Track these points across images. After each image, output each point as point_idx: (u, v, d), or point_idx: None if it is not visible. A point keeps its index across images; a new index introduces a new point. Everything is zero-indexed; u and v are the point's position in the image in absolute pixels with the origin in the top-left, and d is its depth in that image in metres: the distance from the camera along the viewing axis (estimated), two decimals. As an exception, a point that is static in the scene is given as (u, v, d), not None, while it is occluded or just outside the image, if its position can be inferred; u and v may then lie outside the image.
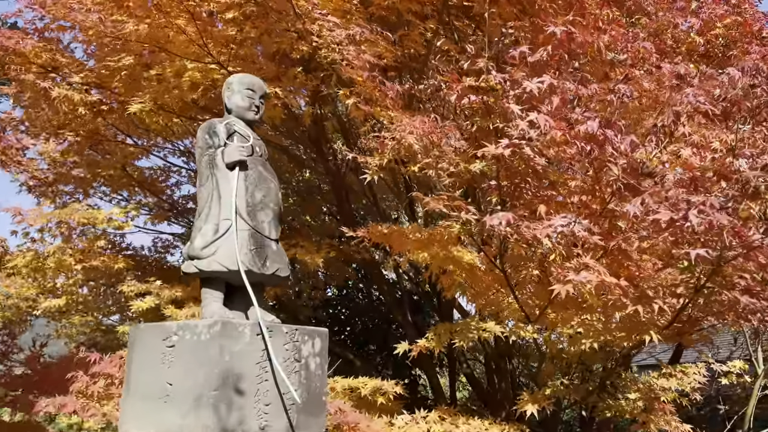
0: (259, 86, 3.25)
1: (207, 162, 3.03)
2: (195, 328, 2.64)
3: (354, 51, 4.10)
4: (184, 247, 2.98)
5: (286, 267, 3.09)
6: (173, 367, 2.65)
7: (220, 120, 3.16)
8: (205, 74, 5.04)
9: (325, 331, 3.02)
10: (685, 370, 5.00)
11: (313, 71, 4.92)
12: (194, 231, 2.96)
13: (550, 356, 5.07)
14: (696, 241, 3.13)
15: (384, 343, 10.05)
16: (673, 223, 2.76)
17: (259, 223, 3.00)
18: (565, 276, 3.43)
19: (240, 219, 2.94)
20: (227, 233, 2.89)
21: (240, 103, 3.20)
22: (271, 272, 2.97)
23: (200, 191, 3.04)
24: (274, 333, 2.78)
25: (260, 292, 3.05)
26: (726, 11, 6.33)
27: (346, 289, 10.75)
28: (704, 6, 6.46)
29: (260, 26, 4.61)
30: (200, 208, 3.00)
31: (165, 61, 4.88)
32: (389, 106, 4.04)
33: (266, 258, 2.97)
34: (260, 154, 3.20)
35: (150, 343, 2.76)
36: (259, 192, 3.04)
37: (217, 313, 2.80)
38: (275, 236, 3.08)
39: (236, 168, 3.00)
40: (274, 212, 3.09)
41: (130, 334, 2.90)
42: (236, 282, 2.92)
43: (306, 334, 2.92)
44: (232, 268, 2.84)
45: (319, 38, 4.12)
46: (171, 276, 7.36)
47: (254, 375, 2.66)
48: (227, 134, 3.10)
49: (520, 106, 3.41)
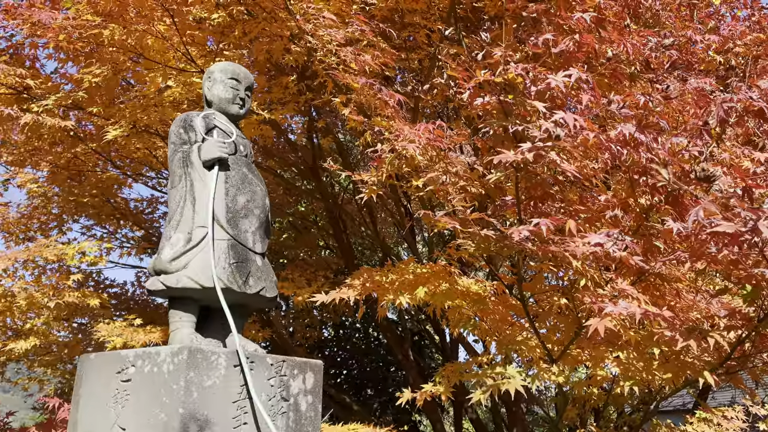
0: (244, 76, 2.80)
1: (180, 160, 2.55)
2: (156, 356, 2.11)
3: (351, 53, 3.67)
4: (150, 260, 2.48)
5: (274, 286, 2.58)
6: (128, 406, 2.11)
7: (198, 113, 2.69)
8: (189, 88, 4.60)
9: (319, 364, 2.49)
10: (725, 414, 4.42)
11: (308, 79, 4.49)
12: (162, 240, 2.46)
13: (573, 399, 4.50)
14: (760, 261, 2.63)
15: (383, 387, 9.43)
16: (736, 238, 2.28)
17: (242, 233, 2.51)
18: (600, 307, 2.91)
19: (218, 227, 2.45)
20: (202, 243, 2.40)
21: (222, 94, 2.74)
22: (254, 291, 2.46)
23: (171, 194, 2.55)
24: (257, 364, 2.25)
25: (242, 316, 2.54)
26: (747, 28, 5.98)
27: (342, 329, 10.17)
28: (723, 23, 6.13)
29: (250, 30, 4.19)
30: (171, 213, 2.51)
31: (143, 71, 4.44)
32: (390, 116, 3.57)
33: (249, 274, 2.46)
34: (245, 154, 2.72)
35: (102, 376, 2.23)
36: (242, 196, 2.56)
37: (187, 340, 2.28)
38: (261, 249, 2.58)
39: (215, 167, 2.52)
40: (260, 220, 2.60)
41: (79, 365, 2.36)
42: (212, 303, 2.41)
43: (296, 366, 2.39)
44: (206, 285, 2.33)
45: (314, 38, 3.69)
46: (155, 315, 6.80)
47: (230, 417, 2.12)
48: (206, 129, 2.64)
49: (544, 104, 2.96)
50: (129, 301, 7.76)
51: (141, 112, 4.81)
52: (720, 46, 6.05)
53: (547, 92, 3.01)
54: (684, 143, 2.81)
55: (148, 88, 4.69)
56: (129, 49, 4.22)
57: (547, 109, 2.96)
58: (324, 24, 3.61)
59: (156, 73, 4.36)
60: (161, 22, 4.28)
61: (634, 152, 2.98)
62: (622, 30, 4.29)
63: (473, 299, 4.14)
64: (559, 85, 2.93)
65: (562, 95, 3.15)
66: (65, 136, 5.98)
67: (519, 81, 2.97)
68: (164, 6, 3.86)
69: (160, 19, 4.22)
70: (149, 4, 4.03)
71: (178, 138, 2.60)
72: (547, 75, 2.95)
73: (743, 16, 6.61)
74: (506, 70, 2.82)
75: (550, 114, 2.93)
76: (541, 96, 2.99)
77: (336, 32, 3.59)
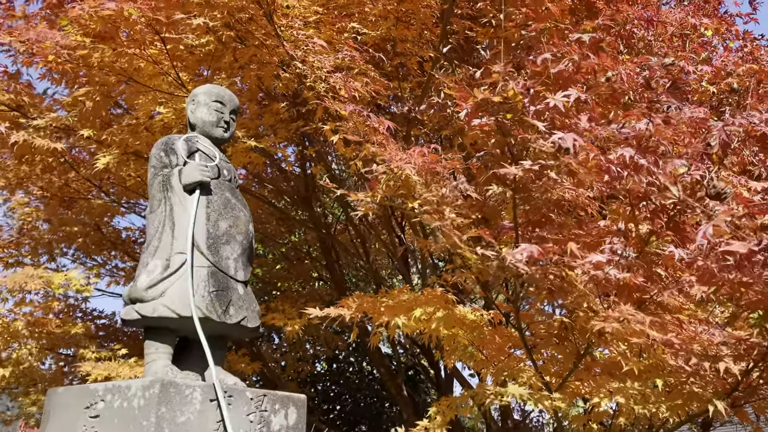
0: (229, 99, 2.72)
1: (160, 183, 2.45)
2: (127, 390, 1.97)
3: (341, 78, 3.60)
4: (126, 288, 2.35)
5: (256, 316, 2.45)
6: (95, 445, 1.96)
7: (180, 136, 2.60)
8: (179, 113, 4.52)
9: (302, 398, 2.34)
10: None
11: (300, 105, 4.42)
12: (139, 267, 2.34)
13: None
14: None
15: (377, 423, 9.19)
16: (748, 257, 2.17)
17: (223, 260, 2.39)
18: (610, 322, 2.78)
19: (198, 253, 2.33)
20: (180, 270, 2.28)
21: (206, 117, 2.65)
22: (235, 321, 2.33)
23: (150, 219, 2.43)
24: (235, 399, 2.10)
25: (221, 348, 2.40)
26: (740, 58, 5.97)
27: (336, 363, 9.95)
28: (715, 54, 6.12)
29: (240, 56, 4.13)
30: (149, 239, 2.39)
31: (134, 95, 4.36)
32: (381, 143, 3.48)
33: (230, 303, 2.33)
34: (228, 179, 2.62)
35: (69, 412, 2.08)
36: (224, 221, 2.44)
37: (161, 372, 2.14)
38: (243, 277, 2.46)
39: (196, 191, 2.41)
40: (243, 247, 2.48)
41: (46, 400, 2.21)
42: (191, 333, 2.28)
43: (277, 401, 2.24)
44: (183, 314, 2.20)
45: (304, 64, 3.62)
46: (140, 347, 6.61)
47: (205, 456, 1.97)
48: (188, 152, 2.54)
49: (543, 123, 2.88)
50: (117, 332, 7.58)
51: (131, 137, 4.72)
52: (713, 77, 6.03)
53: (546, 112, 2.94)
54: (685, 166, 2.72)
55: (137, 112, 4.61)
56: (119, 72, 4.15)
57: (547, 129, 2.88)
58: (314, 50, 3.55)
59: (146, 97, 4.28)
60: (152, 47, 4.22)
61: (635, 174, 2.89)
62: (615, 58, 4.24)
63: (470, 327, 4.01)
64: (558, 105, 2.86)
65: (561, 117, 3.07)
66: (57, 162, 5.88)
67: (519, 99, 2.89)
68: (155, 29, 3.80)
69: (151, 43, 4.16)
70: (139, 28, 3.97)
71: (158, 161, 2.50)
72: (546, 95, 2.88)
73: (735, 47, 6.62)
74: (506, 87, 2.74)
75: (549, 134, 2.85)
76: (540, 116, 2.91)
77: (326, 58, 3.53)
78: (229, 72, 4.29)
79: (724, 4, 6.51)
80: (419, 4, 3.98)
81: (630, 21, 4.90)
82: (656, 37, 6.15)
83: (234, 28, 3.84)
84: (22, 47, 4.46)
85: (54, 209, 7.11)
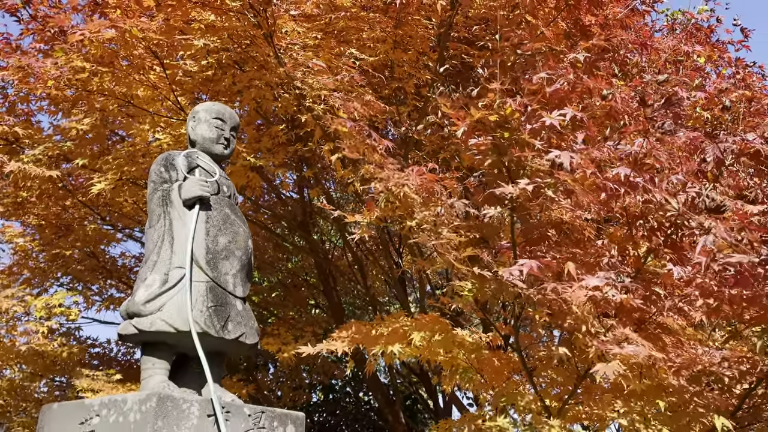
0: (230, 116, 2.74)
1: (160, 198, 2.45)
2: (123, 405, 1.94)
3: (340, 98, 3.64)
4: (123, 303, 2.33)
5: (254, 332, 2.43)
6: (90, 461, 1.93)
7: (180, 152, 2.61)
8: (177, 138, 4.54)
9: (300, 416, 2.31)
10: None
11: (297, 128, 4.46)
12: (137, 282, 2.32)
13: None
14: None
15: (374, 453, 9.04)
16: (750, 270, 2.16)
17: (221, 275, 2.37)
18: (606, 349, 2.76)
19: (197, 268, 2.32)
20: (179, 285, 2.26)
21: (206, 134, 2.66)
22: (233, 337, 2.31)
23: (149, 234, 2.43)
24: (233, 415, 2.07)
25: (218, 364, 2.38)
26: (733, 85, 6.06)
27: (332, 392, 9.82)
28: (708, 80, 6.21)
29: (239, 80, 4.17)
30: (147, 254, 2.38)
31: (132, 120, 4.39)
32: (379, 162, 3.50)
33: (228, 319, 2.32)
34: (228, 195, 2.62)
35: (64, 428, 2.05)
36: (223, 237, 2.44)
37: (158, 388, 2.11)
38: (241, 293, 2.44)
39: (196, 207, 2.42)
40: (242, 263, 2.47)
41: (40, 416, 2.17)
42: (189, 350, 2.26)
43: (275, 418, 2.21)
44: (181, 328, 2.18)
45: (303, 84, 3.66)
46: (139, 374, 6.52)
47: (202, 473, 1.93)
48: (188, 168, 2.54)
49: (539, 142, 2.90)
50: (112, 361, 7.49)
51: (128, 164, 4.73)
52: (707, 103, 6.10)
53: (542, 131, 2.96)
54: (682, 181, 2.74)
55: (134, 137, 4.63)
56: (118, 97, 4.18)
57: (543, 147, 2.90)
58: (313, 71, 3.59)
59: (144, 123, 4.31)
60: (151, 71, 4.26)
61: (631, 192, 2.90)
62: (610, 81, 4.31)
63: (468, 350, 3.97)
64: (554, 123, 2.88)
65: (557, 136, 3.10)
66: (54, 189, 5.89)
67: (515, 117, 2.92)
68: (154, 52, 3.84)
69: (150, 68, 4.20)
70: (138, 53, 4.02)
71: (158, 177, 2.50)
72: (542, 114, 2.91)
73: (728, 74, 6.72)
74: (503, 104, 2.77)
75: (546, 152, 2.87)
76: (537, 134, 2.94)
77: (325, 79, 3.57)
78: (227, 96, 4.33)
79: (716, 32, 6.60)
80: (416, 28, 4.05)
81: (624, 46, 4.97)
82: (650, 63, 6.24)
83: (234, 51, 3.89)
84: (19, 73, 4.49)
85: (49, 236, 7.08)
